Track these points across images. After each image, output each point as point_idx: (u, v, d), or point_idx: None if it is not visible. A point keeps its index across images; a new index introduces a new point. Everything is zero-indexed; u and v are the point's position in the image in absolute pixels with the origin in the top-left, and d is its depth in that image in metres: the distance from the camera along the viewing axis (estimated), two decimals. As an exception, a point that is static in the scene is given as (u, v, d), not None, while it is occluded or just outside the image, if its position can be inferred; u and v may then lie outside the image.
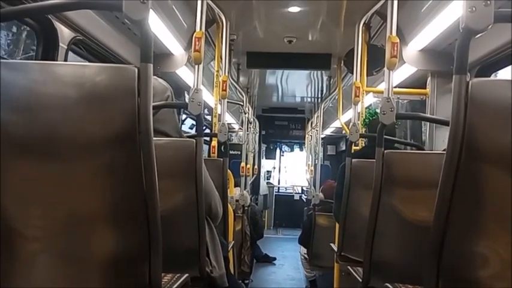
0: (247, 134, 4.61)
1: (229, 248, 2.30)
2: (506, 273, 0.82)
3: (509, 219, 0.81)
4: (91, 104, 0.90)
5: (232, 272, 2.84)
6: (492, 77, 2.42)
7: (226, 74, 2.65)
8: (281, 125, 8.57)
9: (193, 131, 4.78)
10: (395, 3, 1.67)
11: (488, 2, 0.78)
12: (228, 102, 2.96)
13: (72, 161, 0.91)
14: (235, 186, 3.87)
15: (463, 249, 0.86)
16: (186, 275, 1.34)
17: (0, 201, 0.90)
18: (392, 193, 1.51)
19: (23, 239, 0.92)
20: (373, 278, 1.56)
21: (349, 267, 1.92)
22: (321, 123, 5.06)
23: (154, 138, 0.90)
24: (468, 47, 0.81)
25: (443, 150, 0.86)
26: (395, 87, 2.67)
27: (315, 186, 4.67)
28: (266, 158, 9.26)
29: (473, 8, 0.78)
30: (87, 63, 1.86)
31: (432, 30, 2.46)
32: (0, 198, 0.90)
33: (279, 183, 9.66)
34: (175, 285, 1.24)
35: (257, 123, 5.95)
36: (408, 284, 1.39)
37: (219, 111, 2.89)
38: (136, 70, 0.87)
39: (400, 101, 3.21)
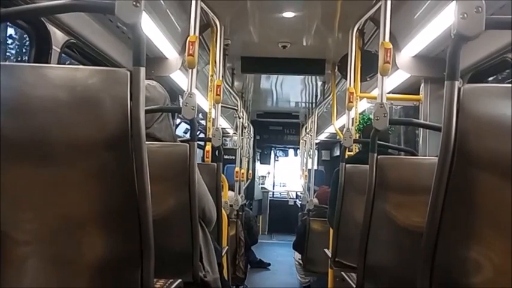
0: (242, 138, 4.61)
1: (223, 254, 2.28)
2: (498, 279, 0.82)
3: (502, 225, 0.81)
4: (83, 107, 0.89)
5: (226, 277, 2.83)
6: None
7: (221, 78, 2.65)
8: (275, 130, 8.57)
9: (187, 136, 4.77)
10: (389, 9, 1.68)
11: (480, 8, 0.79)
12: (222, 106, 2.96)
13: (64, 165, 0.90)
14: (229, 190, 3.87)
15: (455, 254, 0.86)
16: (179, 280, 1.33)
17: None
18: (385, 198, 1.51)
19: (13, 243, 0.91)
20: (367, 284, 1.56)
21: (343, 272, 1.92)
22: (315, 129, 5.07)
23: (147, 142, 0.90)
24: (459, 53, 0.82)
25: (436, 156, 0.86)
26: (389, 93, 2.69)
27: (309, 192, 4.67)
28: (261, 163, 9.25)
29: (465, 15, 0.79)
30: (79, 66, 1.85)
31: (425, 37, 2.48)
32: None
33: (273, 189, 9.65)
34: (168, 291, 1.23)
35: (251, 128, 5.95)
36: (402, 290, 1.39)
37: (213, 116, 2.89)
38: (128, 73, 0.87)
39: (394, 106, 3.23)
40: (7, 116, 0.88)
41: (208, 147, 3.00)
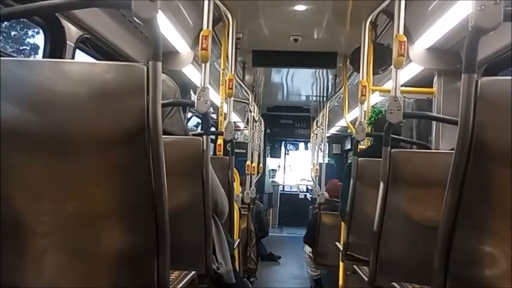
0: (253, 132, 4.62)
1: (235, 246, 2.30)
2: (514, 273, 0.82)
3: (518, 219, 0.81)
4: (100, 102, 0.90)
5: (237, 269, 2.85)
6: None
7: (232, 72, 2.65)
8: (286, 124, 8.55)
9: (198, 129, 4.79)
10: (403, 1, 1.66)
11: (498, 0, 0.78)
12: (233, 100, 2.96)
13: (81, 158, 0.92)
14: (240, 184, 3.88)
15: (471, 248, 0.86)
16: (193, 272, 1.34)
17: (12, 197, 0.91)
18: (399, 192, 1.50)
19: (33, 235, 0.93)
20: (380, 277, 1.56)
21: (355, 266, 1.92)
22: (327, 122, 5.05)
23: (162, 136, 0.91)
24: (477, 45, 0.81)
25: (451, 149, 0.86)
26: (401, 86, 2.66)
27: (320, 185, 4.66)
28: (271, 157, 9.25)
29: (483, 7, 0.78)
30: (96, 61, 1.87)
31: (439, 29, 2.45)
32: (12, 195, 0.91)
33: (283, 182, 9.66)
34: (182, 282, 1.24)
35: (262, 121, 5.95)
36: (415, 283, 1.39)
37: (225, 110, 2.90)
38: (145, 68, 0.88)
39: (406, 100, 3.20)
40: (27, 110, 0.90)
41: (220, 140, 3.01)
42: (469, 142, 0.81)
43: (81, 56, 2.21)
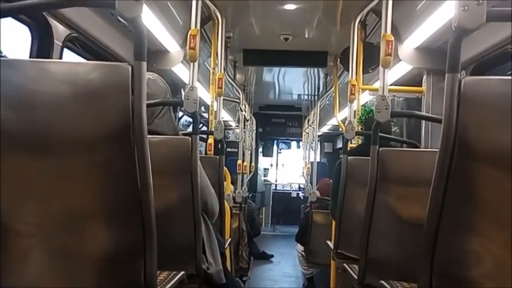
0: (244, 131, 4.62)
1: (226, 246, 2.30)
2: (498, 271, 0.83)
3: (501, 217, 0.82)
4: (85, 101, 0.90)
5: (229, 269, 2.85)
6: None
7: (222, 71, 2.65)
8: (278, 123, 8.56)
9: (189, 129, 4.76)
10: (390, 1, 1.67)
11: (481, 1, 0.79)
12: (224, 99, 2.95)
13: (66, 158, 0.91)
14: (232, 183, 3.88)
15: (456, 247, 0.87)
16: (182, 272, 1.34)
17: None
18: (387, 191, 1.51)
19: (16, 235, 0.93)
20: (369, 275, 1.57)
21: (345, 264, 1.93)
22: (318, 121, 5.06)
23: (149, 136, 0.91)
24: (460, 45, 0.82)
25: (437, 148, 0.86)
26: (391, 85, 2.68)
27: (311, 184, 4.68)
28: (263, 156, 9.26)
29: (466, 7, 0.79)
30: (81, 61, 1.85)
31: (428, 28, 2.47)
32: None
33: (276, 181, 9.68)
34: (171, 283, 1.24)
35: (254, 120, 5.95)
36: (403, 281, 1.40)
37: (215, 109, 2.90)
38: (130, 68, 0.88)
39: (396, 98, 3.22)
40: (10, 109, 0.89)
41: (211, 140, 3.00)
42: (452, 141, 0.82)
43: (69, 56, 2.19)
